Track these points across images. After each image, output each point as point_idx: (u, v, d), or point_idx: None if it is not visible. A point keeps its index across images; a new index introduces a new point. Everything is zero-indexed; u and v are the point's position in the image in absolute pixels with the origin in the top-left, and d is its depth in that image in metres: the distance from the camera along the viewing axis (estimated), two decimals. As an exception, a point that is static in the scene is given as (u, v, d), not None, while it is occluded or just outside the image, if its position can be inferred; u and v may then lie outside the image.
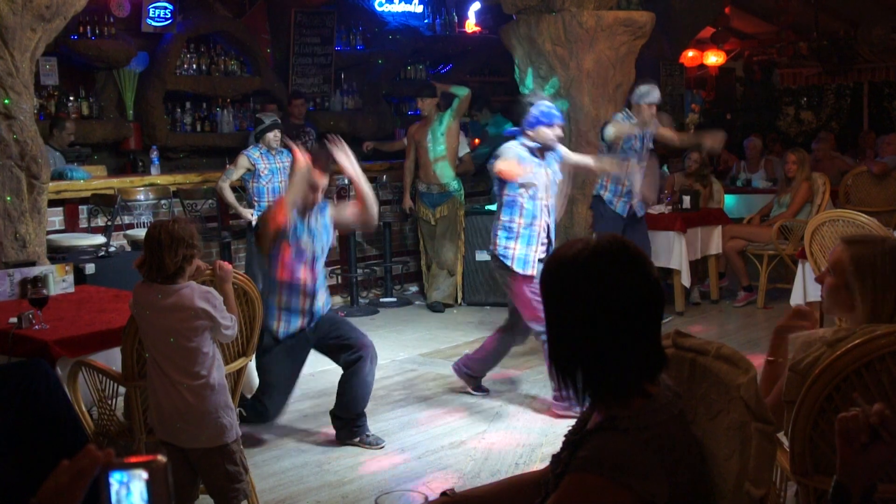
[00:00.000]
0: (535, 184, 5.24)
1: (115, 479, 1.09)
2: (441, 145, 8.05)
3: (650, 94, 6.70)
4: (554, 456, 1.88)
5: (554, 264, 1.78)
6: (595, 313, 1.70)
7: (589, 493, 1.65)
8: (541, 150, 5.29)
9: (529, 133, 5.26)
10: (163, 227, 3.31)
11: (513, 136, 5.39)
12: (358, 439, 4.77)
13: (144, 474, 1.09)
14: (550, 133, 5.25)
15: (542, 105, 5.27)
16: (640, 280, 1.72)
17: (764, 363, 2.82)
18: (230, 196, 7.14)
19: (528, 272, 5.20)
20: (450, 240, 8.22)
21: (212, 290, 3.38)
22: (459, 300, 8.25)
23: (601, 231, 6.83)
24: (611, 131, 6.63)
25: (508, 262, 5.23)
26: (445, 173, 8.08)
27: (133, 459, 1.10)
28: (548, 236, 5.32)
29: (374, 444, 4.74)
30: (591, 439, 1.72)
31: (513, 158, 5.18)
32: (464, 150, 8.61)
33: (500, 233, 5.29)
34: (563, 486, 1.70)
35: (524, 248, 5.23)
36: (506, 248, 5.24)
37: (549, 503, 1.72)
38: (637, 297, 1.71)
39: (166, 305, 3.29)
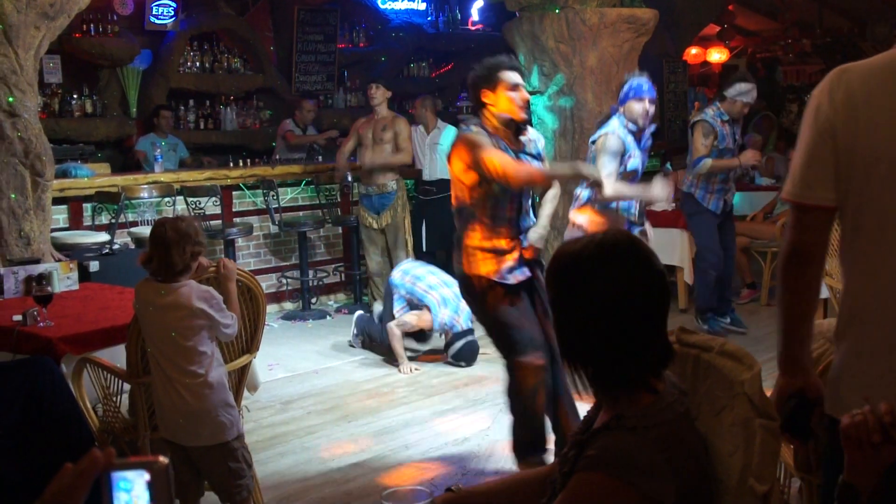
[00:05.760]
0: (639, 170, 5.09)
1: (121, 486, 1.09)
2: (384, 144, 7.59)
3: (750, 93, 6.55)
4: (561, 454, 1.88)
5: (560, 259, 1.78)
6: (601, 307, 1.70)
7: (596, 492, 1.65)
8: (637, 132, 5.07)
9: (622, 109, 5.08)
10: (169, 225, 3.31)
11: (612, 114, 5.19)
12: None
13: (146, 475, 1.10)
14: (639, 108, 5.01)
15: (637, 80, 5.07)
16: (645, 273, 1.72)
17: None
18: None
19: None
20: (401, 249, 7.77)
21: (210, 289, 3.37)
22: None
23: (696, 229, 6.80)
24: (706, 166, 6.55)
25: None
26: (385, 173, 7.62)
27: (134, 460, 1.11)
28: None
29: None
30: (598, 438, 1.72)
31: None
32: None
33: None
34: (571, 485, 1.70)
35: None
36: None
37: (557, 502, 1.72)
38: (643, 290, 1.71)
39: (165, 304, 3.30)
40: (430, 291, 6.17)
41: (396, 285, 6.35)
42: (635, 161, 5.06)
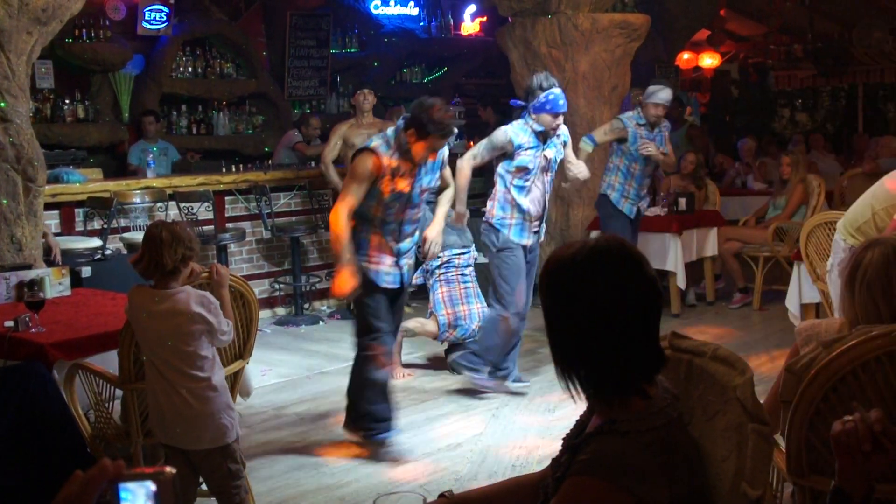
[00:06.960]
0: (530, 168, 5.41)
1: (125, 496, 1.10)
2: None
3: (657, 94, 6.74)
4: (554, 459, 1.88)
5: (553, 265, 1.78)
6: (594, 313, 1.71)
7: (589, 496, 1.65)
8: (544, 133, 5.41)
9: (533, 115, 5.38)
10: (164, 226, 3.32)
11: (519, 108, 5.52)
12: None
13: (153, 486, 1.10)
14: (552, 122, 5.37)
15: (553, 93, 5.35)
16: (638, 279, 1.73)
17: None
18: None
19: (524, 242, 5.50)
20: None
21: (207, 294, 3.37)
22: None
23: (608, 231, 6.84)
24: (588, 145, 6.82)
25: (505, 232, 5.48)
26: None
27: (141, 471, 1.11)
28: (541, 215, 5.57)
29: None
30: (591, 442, 1.72)
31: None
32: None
33: (497, 204, 5.51)
34: (564, 490, 1.70)
35: (519, 218, 5.47)
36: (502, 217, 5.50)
37: (549, 506, 1.72)
38: (635, 296, 1.72)
39: (162, 310, 3.29)
40: (447, 308, 6.03)
41: (431, 265, 6.09)
42: (524, 159, 5.39)
